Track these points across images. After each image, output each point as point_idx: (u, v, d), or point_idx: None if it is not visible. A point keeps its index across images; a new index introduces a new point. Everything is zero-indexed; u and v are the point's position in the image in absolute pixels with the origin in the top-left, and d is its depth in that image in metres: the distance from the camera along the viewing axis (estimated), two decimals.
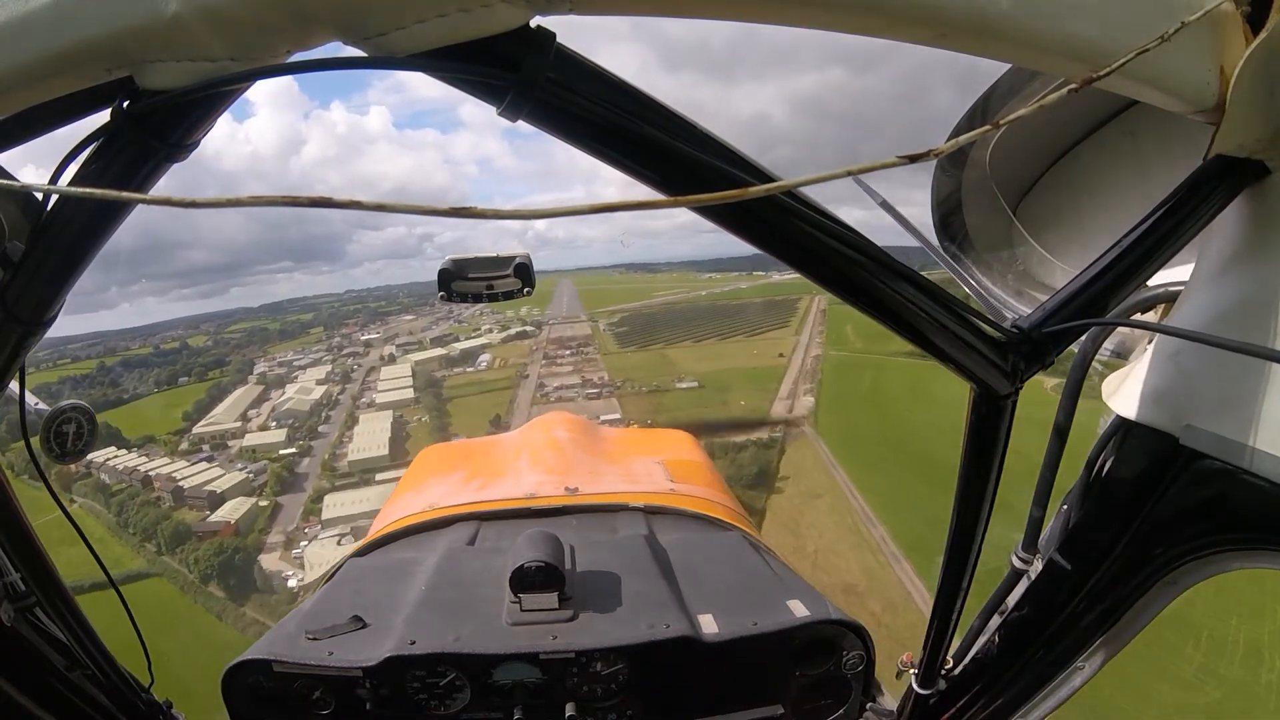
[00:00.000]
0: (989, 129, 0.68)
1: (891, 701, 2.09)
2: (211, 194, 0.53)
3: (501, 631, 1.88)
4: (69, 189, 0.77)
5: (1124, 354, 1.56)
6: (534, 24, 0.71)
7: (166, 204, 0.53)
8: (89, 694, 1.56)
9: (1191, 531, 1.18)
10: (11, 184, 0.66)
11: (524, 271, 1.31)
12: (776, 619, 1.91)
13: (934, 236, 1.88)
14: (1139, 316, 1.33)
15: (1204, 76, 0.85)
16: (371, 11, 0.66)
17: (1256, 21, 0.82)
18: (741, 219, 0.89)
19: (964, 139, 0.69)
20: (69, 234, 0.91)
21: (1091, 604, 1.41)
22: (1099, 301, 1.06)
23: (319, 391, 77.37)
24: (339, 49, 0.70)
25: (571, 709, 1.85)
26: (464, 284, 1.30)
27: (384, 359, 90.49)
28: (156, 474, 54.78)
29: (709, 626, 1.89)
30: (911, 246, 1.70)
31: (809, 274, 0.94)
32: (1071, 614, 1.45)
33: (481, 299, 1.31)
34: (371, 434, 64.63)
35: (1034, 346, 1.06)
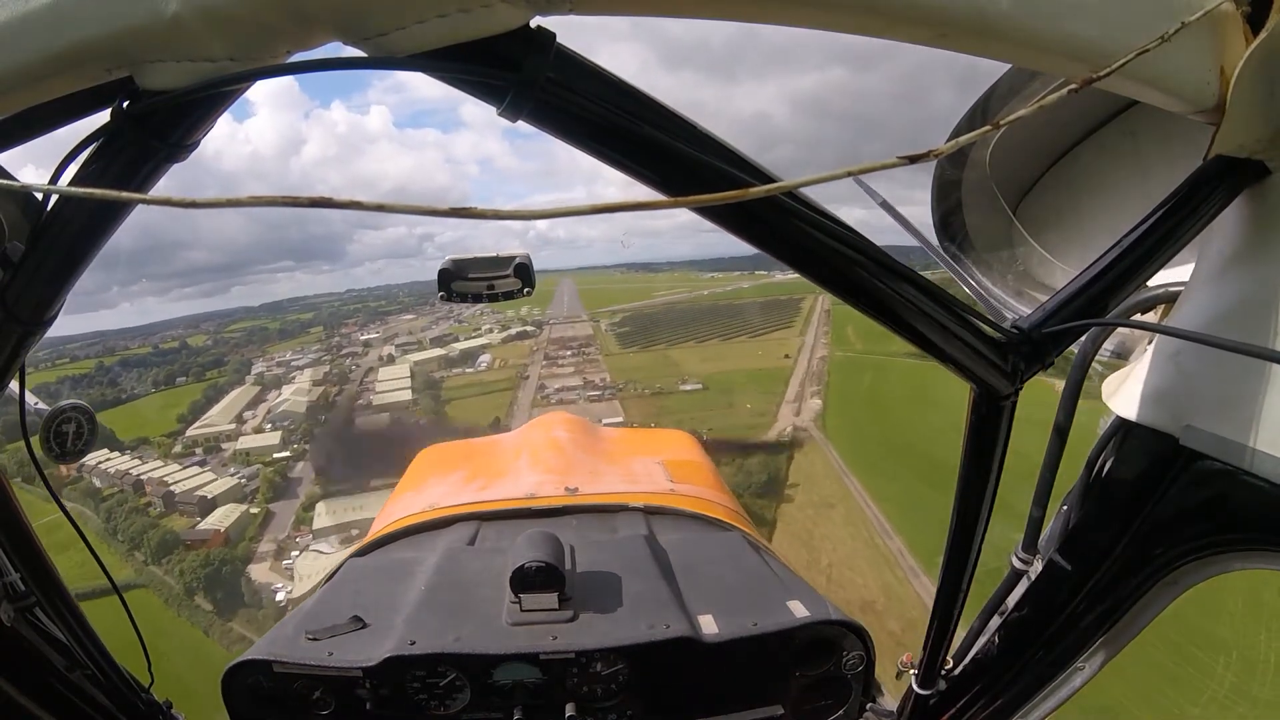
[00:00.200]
0: (989, 129, 0.68)
1: (891, 702, 2.08)
2: (212, 194, 0.53)
3: (501, 632, 1.87)
4: (69, 189, 0.77)
5: (1124, 354, 1.56)
6: (534, 24, 0.71)
7: (166, 204, 0.53)
8: (89, 694, 1.56)
9: (1191, 532, 1.18)
10: (11, 184, 0.66)
11: (524, 271, 1.31)
12: (776, 619, 1.91)
13: (934, 236, 1.87)
14: (1139, 317, 1.33)
15: (1204, 77, 0.85)
16: (371, 12, 0.66)
17: (1256, 21, 0.82)
18: (742, 219, 0.89)
19: (964, 139, 0.69)
20: (69, 234, 0.91)
21: (1091, 604, 1.41)
22: (1099, 302, 1.06)
23: (315, 393, 76.82)
24: (339, 49, 0.69)
25: (571, 709, 1.85)
26: (464, 284, 1.30)
27: (382, 359, 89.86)
28: (148, 478, 54.12)
29: (709, 627, 1.89)
30: (911, 246, 1.70)
31: (809, 274, 0.94)
32: (1071, 614, 1.45)
33: (482, 299, 1.31)
34: None
35: (1034, 347, 1.06)
